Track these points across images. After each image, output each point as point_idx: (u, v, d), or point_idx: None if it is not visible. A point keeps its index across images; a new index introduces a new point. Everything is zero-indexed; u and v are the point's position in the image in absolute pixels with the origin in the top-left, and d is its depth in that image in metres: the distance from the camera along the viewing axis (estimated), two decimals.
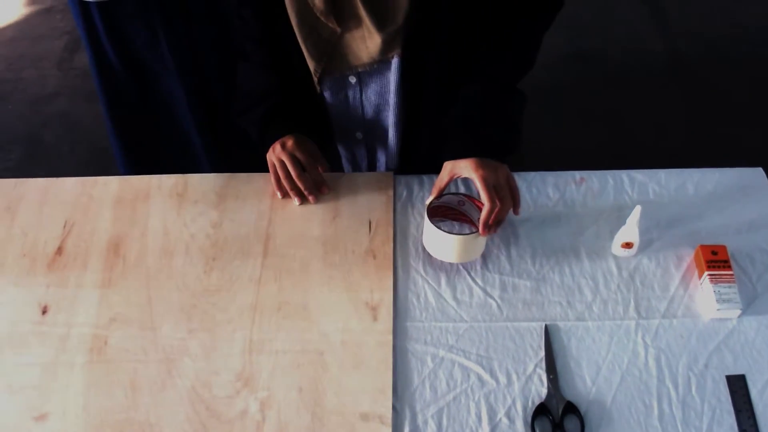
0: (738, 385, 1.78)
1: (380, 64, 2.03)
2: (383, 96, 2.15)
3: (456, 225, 2.07)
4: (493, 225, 1.91)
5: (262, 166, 2.18)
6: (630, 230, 1.93)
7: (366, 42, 1.97)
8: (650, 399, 1.77)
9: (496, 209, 1.88)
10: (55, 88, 4.46)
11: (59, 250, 2.06)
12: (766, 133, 4.05)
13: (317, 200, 2.11)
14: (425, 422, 1.74)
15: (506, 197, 1.92)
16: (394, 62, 2.02)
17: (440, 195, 1.99)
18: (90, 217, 2.13)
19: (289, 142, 2.07)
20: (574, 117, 4.14)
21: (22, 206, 2.16)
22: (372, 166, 2.40)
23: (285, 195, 2.12)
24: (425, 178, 2.18)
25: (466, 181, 2.13)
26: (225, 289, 1.97)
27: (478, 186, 1.90)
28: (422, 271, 1.99)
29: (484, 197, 1.89)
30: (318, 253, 2.02)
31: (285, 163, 2.08)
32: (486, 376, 1.80)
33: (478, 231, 1.92)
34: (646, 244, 2.02)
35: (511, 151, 2.01)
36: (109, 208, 2.15)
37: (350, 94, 2.16)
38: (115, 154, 3.12)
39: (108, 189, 2.19)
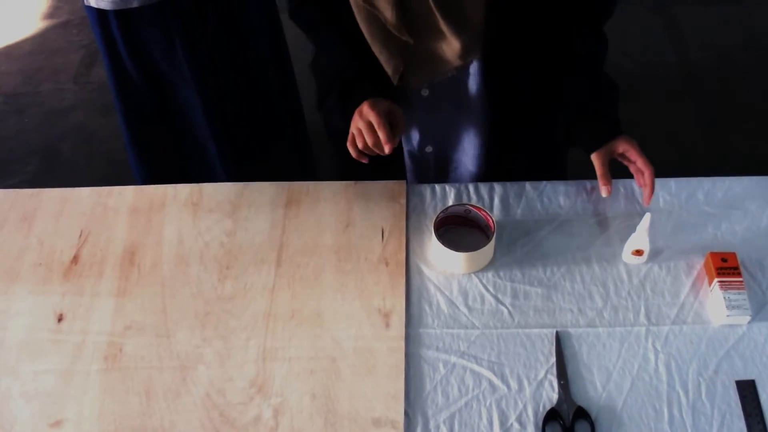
0: (748, 391, 1.79)
1: (458, 71, 2.02)
2: (461, 106, 2.14)
3: (464, 231, 2.08)
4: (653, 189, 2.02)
5: (277, 176, 2.20)
6: (640, 238, 1.94)
7: (443, 49, 1.96)
8: (660, 404, 1.78)
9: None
10: (71, 102, 4.48)
11: (75, 259, 2.07)
12: None
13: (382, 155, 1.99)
14: (437, 427, 1.75)
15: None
16: (473, 68, 2.02)
17: (446, 208, 2.02)
18: (105, 226, 2.14)
19: (364, 107, 1.95)
20: None
21: (38, 216, 2.17)
22: (442, 179, 2.38)
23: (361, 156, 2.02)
24: (437, 187, 2.19)
25: (478, 190, 2.14)
26: (239, 296, 1.98)
27: (635, 156, 2.01)
28: (434, 279, 2.00)
29: (644, 163, 2.00)
30: (331, 261, 2.04)
31: (357, 133, 1.97)
32: (497, 382, 1.81)
33: (485, 243, 1.96)
34: (656, 252, 2.02)
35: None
36: (124, 217, 2.16)
37: (422, 106, 2.15)
38: (132, 164, 3.14)
39: (123, 198, 2.20)
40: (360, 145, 1.94)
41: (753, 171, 2.20)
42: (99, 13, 2.64)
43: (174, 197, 2.19)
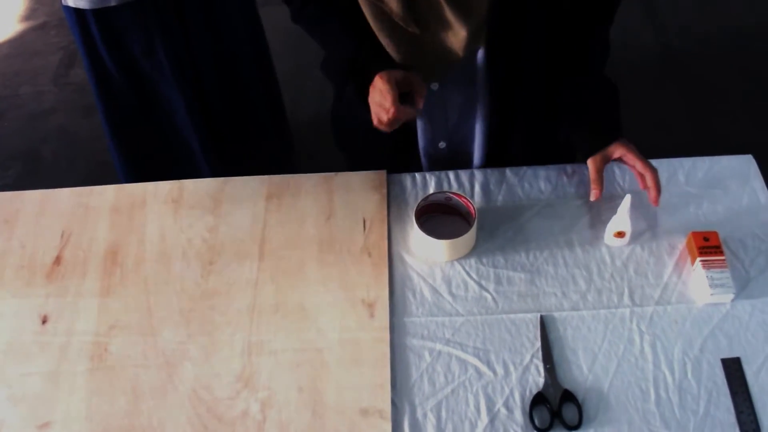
0: (733, 368, 1.80)
1: (466, 60, 2.00)
2: (469, 96, 2.13)
3: (446, 219, 2.08)
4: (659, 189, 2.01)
5: (262, 170, 2.20)
6: (621, 219, 1.94)
7: (450, 39, 1.94)
8: (647, 385, 1.78)
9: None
10: (52, 104, 4.47)
11: (57, 260, 2.07)
12: (758, 125, 4.06)
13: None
14: (425, 415, 1.76)
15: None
16: (480, 56, 2.01)
17: (426, 196, 2.03)
18: (87, 226, 2.14)
19: (377, 79, 1.92)
20: None
21: (19, 219, 2.17)
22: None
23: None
24: (417, 175, 2.19)
25: (459, 178, 2.15)
26: (223, 292, 1.98)
27: (633, 160, 2.01)
28: (417, 267, 2.00)
29: (644, 167, 2.00)
30: (313, 253, 2.04)
31: (375, 108, 1.95)
32: (483, 368, 1.82)
33: (466, 230, 1.96)
34: (638, 234, 2.03)
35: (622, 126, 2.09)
36: (105, 216, 2.15)
37: (433, 102, 2.13)
38: (116, 165, 3.14)
39: (104, 198, 2.19)
40: (375, 122, 1.94)
41: (732, 152, 2.21)
42: (77, 13, 2.64)
43: (155, 195, 2.19)
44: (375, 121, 1.94)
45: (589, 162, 2.03)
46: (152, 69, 2.82)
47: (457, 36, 1.92)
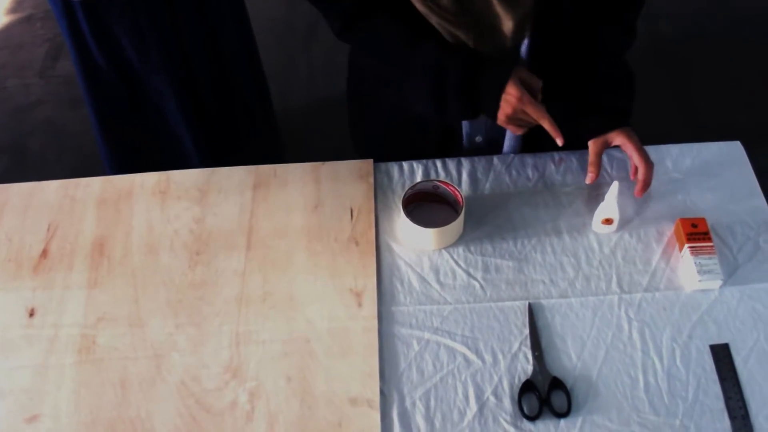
0: (722, 354, 1.80)
1: (511, 51, 1.99)
2: None
3: (433, 207, 2.07)
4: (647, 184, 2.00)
5: (252, 160, 2.19)
6: (609, 206, 1.94)
7: (497, 31, 1.92)
8: (635, 371, 1.79)
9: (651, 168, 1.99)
10: (38, 96, 4.45)
11: (44, 253, 2.06)
12: (746, 112, 4.06)
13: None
14: (413, 404, 1.76)
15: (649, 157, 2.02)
16: (524, 48, 1.99)
17: (413, 185, 2.02)
18: (74, 218, 2.13)
19: (512, 98, 1.87)
20: None
21: (5, 211, 2.16)
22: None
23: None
24: (405, 164, 2.19)
25: (446, 166, 2.14)
26: (210, 282, 1.98)
27: (631, 151, 2.00)
28: (405, 256, 2.00)
29: (639, 159, 1.99)
30: (301, 243, 2.03)
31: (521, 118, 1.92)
32: (472, 356, 1.82)
33: (454, 218, 1.96)
34: (626, 221, 2.03)
35: (631, 115, 2.09)
36: (92, 208, 2.15)
37: None
38: (103, 158, 3.12)
39: (91, 190, 2.19)
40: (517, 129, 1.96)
41: (721, 138, 2.21)
42: (65, 4, 2.62)
43: (141, 186, 2.18)
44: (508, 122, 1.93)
45: (590, 144, 2.03)
46: (141, 61, 2.80)
47: (505, 27, 1.90)
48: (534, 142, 2.14)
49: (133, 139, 3.09)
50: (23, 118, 4.35)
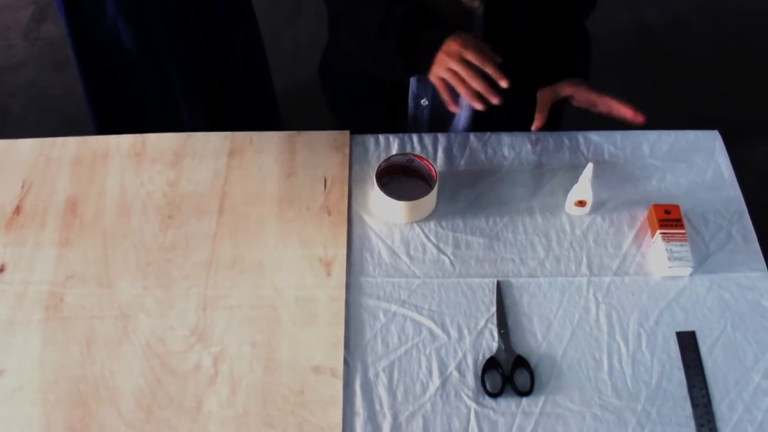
0: (688, 342, 1.81)
1: (464, 18, 1.98)
2: None
3: (407, 181, 2.07)
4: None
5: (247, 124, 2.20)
6: (583, 188, 1.94)
7: None
8: (600, 354, 1.79)
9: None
10: (21, 58, 4.43)
11: (17, 210, 2.05)
12: (727, 103, 4.07)
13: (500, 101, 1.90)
14: (376, 375, 1.76)
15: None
16: (479, 15, 1.98)
17: (388, 157, 2.02)
18: (48, 177, 2.12)
19: (454, 46, 1.85)
20: None
21: None
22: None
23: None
24: (381, 137, 2.19)
25: (422, 141, 2.15)
26: (181, 246, 1.98)
27: (584, 95, 2.02)
28: (376, 228, 2.00)
29: (597, 96, 2.01)
30: (273, 210, 2.03)
31: (458, 71, 1.88)
32: (437, 331, 1.82)
33: (427, 192, 1.96)
34: (600, 204, 2.04)
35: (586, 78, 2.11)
36: (67, 168, 2.14)
37: None
38: (90, 118, 3.09)
39: (66, 150, 2.18)
40: (463, 93, 1.87)
41: (700, 127, 2.21)
42: None
43: (117, 148, 2.17)
44: (445, 90, 1.91)
45: (538, 95, 2.03)
46: (136, 17, 2.77)
47: None
48: (485, 115, 2.10)
49: (121, 102, 3.06)
50: (5, 80, 4.33)
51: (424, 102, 2.23)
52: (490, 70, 1.83)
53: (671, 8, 4.61)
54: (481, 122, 2.24)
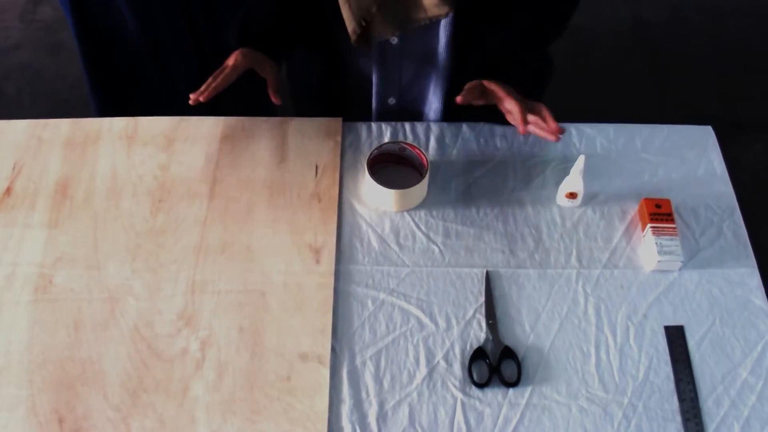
0: (676, 336, 1.81)
1: (431, 22, 1.94)
2: (428, 57, 2.10)
3: (398, 169, 2.07)
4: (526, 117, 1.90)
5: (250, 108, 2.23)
6: (574, 180, 1.94)
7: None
8: (588, 347, 1.79)
9: (522, 105, 1.90)
10: (17, 41, 4.42)
11: (8, 191, 2.05)
12: (722, 100, 4.08)
13: (195, 102, 1.97)
14: (363, 363, 1.76)
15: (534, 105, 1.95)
16: (445, 19, 1.96)
17: (380, 145, 2.02)
18: (39, 158, 2.12)
19: (237, 53, 2.02)
20: None
21: None
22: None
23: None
24: (374, 125, 2.19)
25: (414, 129, 2.15)
26: (170, 230, 1.97)
27: (502, 93, 1.91)
28: (366, 216, 2.00)
29: (509, 100, 1.90)
30: (264, 196, 2.03)
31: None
32: (425, 320, 1.82)
33: (418, 181, 1.96)
34: (591, 196, 2.03)
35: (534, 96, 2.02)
36: (58, 150, 2.14)
37: (389, 56, 2.10)
38: (90, 98, 3.07)
39: (58, 131, 2.18)
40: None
41: (694, 123, 2.21)
42: None
43: (109, 130, 2.17)
44: None
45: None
46: (140, 4, 2.75)
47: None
48: (458, 108, 2.06)
49: (123, 89, 3.05)
50: (1, 61, 4.32)
51: (391, 101, 2.23)
52: (215, 80, 2.00)
53: (668, 7, 4.61)
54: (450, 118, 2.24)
